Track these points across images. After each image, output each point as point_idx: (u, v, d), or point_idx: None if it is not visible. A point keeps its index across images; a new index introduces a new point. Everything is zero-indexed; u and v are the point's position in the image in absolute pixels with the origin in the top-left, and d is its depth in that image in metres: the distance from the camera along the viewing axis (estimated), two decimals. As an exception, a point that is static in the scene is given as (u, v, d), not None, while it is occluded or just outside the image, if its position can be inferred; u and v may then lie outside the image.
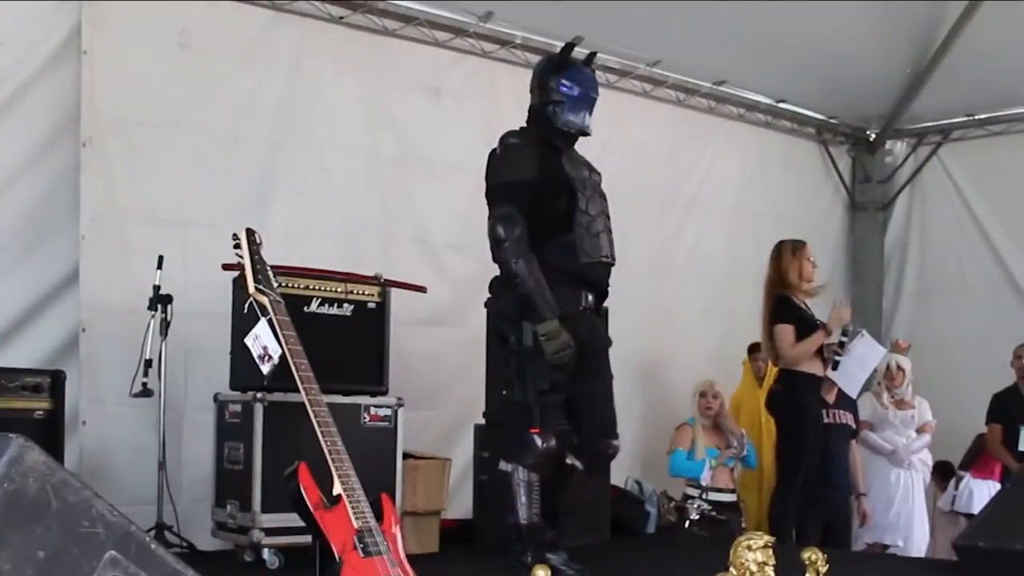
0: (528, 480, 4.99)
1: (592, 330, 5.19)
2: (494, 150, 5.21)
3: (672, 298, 9.12)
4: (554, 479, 5.20)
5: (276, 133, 6.93)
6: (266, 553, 5.54)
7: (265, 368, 3.90)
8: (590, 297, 5.18)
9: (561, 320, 4.92)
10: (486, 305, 5.35)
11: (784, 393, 7.27)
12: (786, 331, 7.13)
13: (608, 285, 5.30)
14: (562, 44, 5.05)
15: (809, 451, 7.13)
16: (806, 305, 7.24)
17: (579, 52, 5.41)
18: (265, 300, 3.72)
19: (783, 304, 7.20)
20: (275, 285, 3.81)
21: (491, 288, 5.25)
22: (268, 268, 3.82)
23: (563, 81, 5.16)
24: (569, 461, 5.21)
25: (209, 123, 6.64)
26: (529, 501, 5.00)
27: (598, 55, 5.66)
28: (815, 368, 7.17)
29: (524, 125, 5.31)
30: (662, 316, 9.02)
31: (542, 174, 5.05)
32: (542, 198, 5.02)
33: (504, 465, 5.03)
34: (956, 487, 8.72)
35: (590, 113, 5.20)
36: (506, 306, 5.06)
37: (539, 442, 4.95)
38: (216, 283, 5.75)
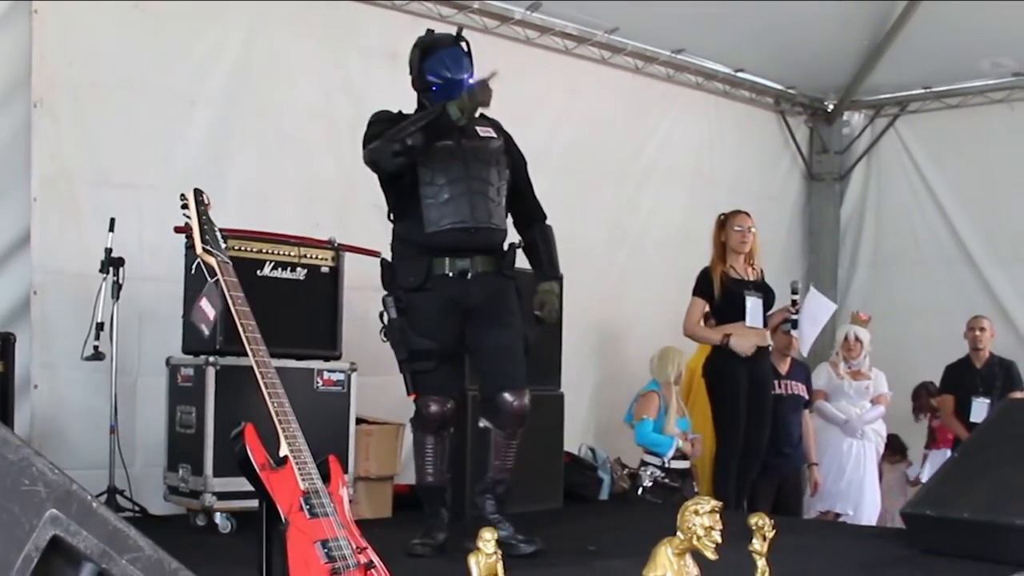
0: (422, 443, 5.19)
1: (485, 291, 5.15)
2: None
3: (628, 266, 9.15)
4: (478, 447, 5.32)
5: (232, 96, 6.87)
6: (218, 517, 5.55)
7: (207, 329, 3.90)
8: (462, 263, 5.12)
9: (417, 290, 5.08)
10: None
11: (711, 361, 7.37)
12: (693, 304, 7.40)
13: (492, 247, 5.23)
14: (520, 9, 4.98)
15: (736, 420, 7.18)
16: (739, 271, 7.31)
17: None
18: (212, 260, 3.70)
19: (701, 277, 7.41)
20: (223, 246, 3.78)
21: None
22: (216, 229, 3.78)
23: (429, 72, 5.21)
24: (481, 424, 5.24)
25: (164, 85, 6.57)
26: (422, 464, 5.20)
27: (557, 20, 5.59)
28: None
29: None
30: (618, 284, 9.05)
31: None
32: (390, 178, 5.13)
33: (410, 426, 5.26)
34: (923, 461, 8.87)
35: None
36: (384, 284, 5.19)
37: (421, 407, 5.13)
38: (171, 246, 5.73)
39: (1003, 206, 9.85)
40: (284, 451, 3.39)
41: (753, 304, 7.20)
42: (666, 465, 7.53)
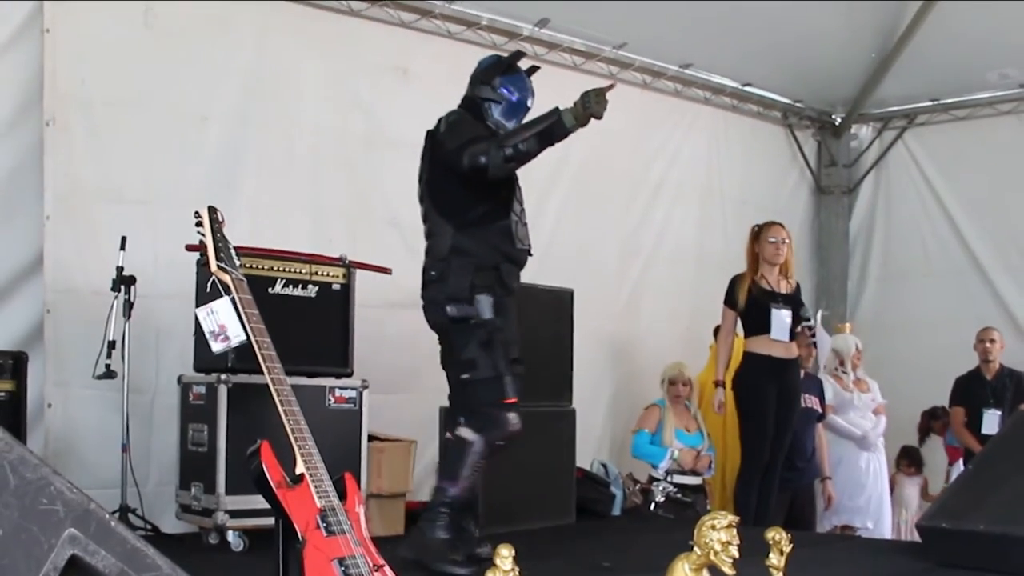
0: (484, 455, 4.92)
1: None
2: (437, 127, 5.23)
3: (640, 281, 9.15)
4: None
5: (243, 112, 6.89)
6: (231, 535, 5.53)
7: (217, 347, 3.85)
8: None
9: (508, 295, 5.04)
10: (426, 296, 5.19)
11: (740, 375, 7.33)
12: (724, 314, 7.43)
13: None
14: (528, 25, 5.00)
15: (763, 433, 7.15)
16: (771, 283, 7.27)
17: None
18: (227, 278, 3.69)
19: (729, 286, 7.39)
20: (237, 263, 3.78)
21: (429, 274, 5.16)
22: (230, 246, 3.78)
23: (506, 84, 5.22)
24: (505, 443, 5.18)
25: (175, 102, 6.58)
26: (472, 476, 4.93)
27: (564, 36, 5.59)
28: (773, 350, 7.19)
29: (457, 109, 5.29)
30: (630, 299, 9.05)
31: None
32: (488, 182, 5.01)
33: (466, 432, 4.92)
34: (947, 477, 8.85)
35: (520, 120, 5.19)
36: (455, 288, 4.98)
37: (512, 419, 4.92)
38: (187, 263, 5.72)
39: (1012, 217, 9.83)
40: (300, 469, 3.39)
41: (780, 316, 7.16)
42: (659, 475, 7.53)
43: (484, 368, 4.92)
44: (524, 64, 5.37)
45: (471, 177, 4.93)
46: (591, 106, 4.89)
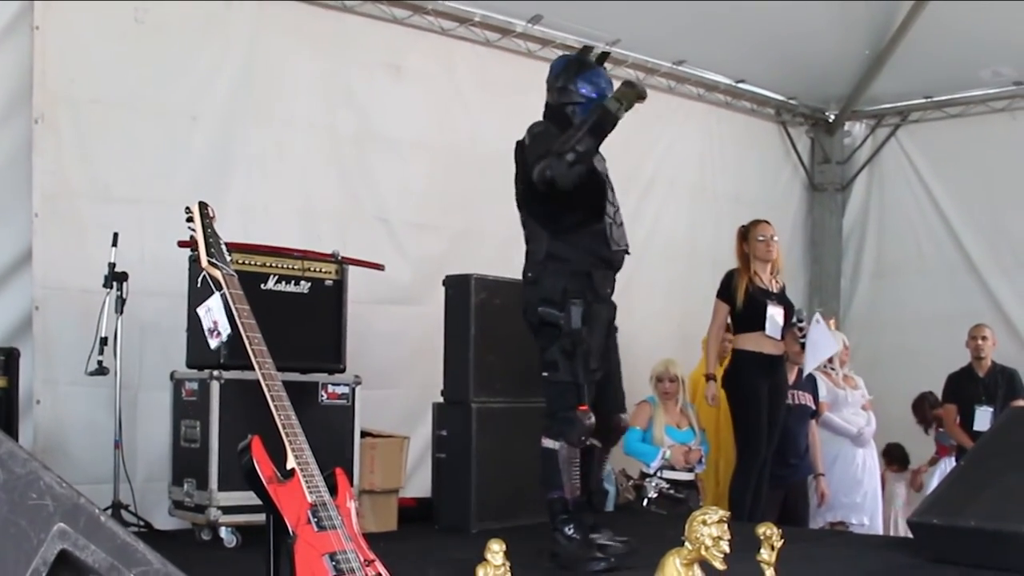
0: (572, 456, 5.11)
1: (613, 314, 5.39)
2: (523, 140, 5.27)
3: (632, 278, 9.08)
4: (583, 461, 5.34)
5: (233, 110, 6.87)
6: (223, 531, 5.54)
7: (212, 343, 3.88)
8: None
9: (598, 302, 5.18)
10: (523, 298, 5.30)
11: (731, 372, 7.33)
12: (717, 308, 7.41)
13: None
14: (521, 22, 5.01)
15: (759, 430, 7.15)
16: (764, 281, 7.27)
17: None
18: (218, 274, 3.69)
19: (725, 281, 7.39)
20: (228, 259, 3.77)
21: (527, 276, 5.27)
22: (221, 242, 3.78)
23: (582, 84, 5.27)
24: (588, 441, 5.30)
25: (166, 100, 6.57)
26: (573, 477, 5.13)
27: (557, 32, 5.60)
28: (763, 347, 7.19)
29: (542, 120, 5.34)
30: (622, 296, 8.95)
31: None
32: (578, 188, 5.10)
33: (549, 443, 5.11)
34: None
35: None
36: (549, 290, 5.12)
37: (585, 419, 5.08)
38: (173, 261, 5.73)
39: (1005, 214, 9.86)
40: (291, 464, 3.39)
41: (774, 314, 7.18)
42: (651, 472, 7.52)
43: (564, 372, 5.09)
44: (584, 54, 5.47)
45: (547, 192, 5.07)
46: (636, 86, 5.13)
